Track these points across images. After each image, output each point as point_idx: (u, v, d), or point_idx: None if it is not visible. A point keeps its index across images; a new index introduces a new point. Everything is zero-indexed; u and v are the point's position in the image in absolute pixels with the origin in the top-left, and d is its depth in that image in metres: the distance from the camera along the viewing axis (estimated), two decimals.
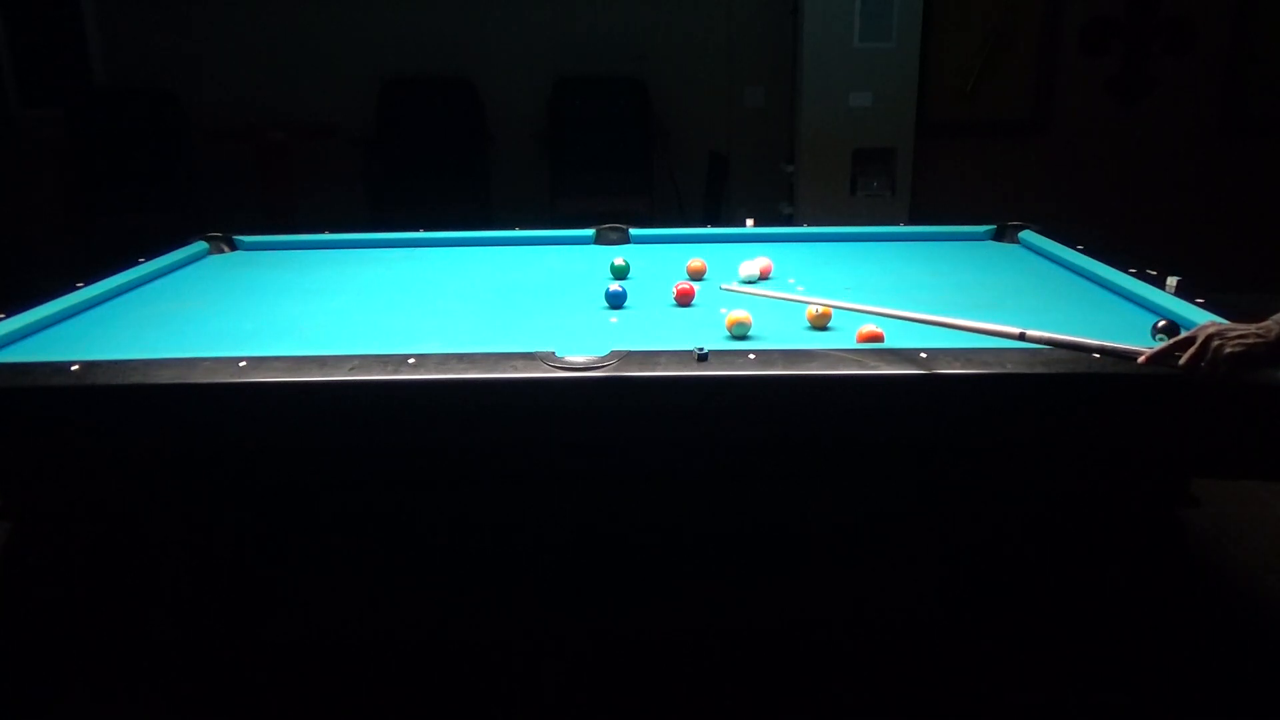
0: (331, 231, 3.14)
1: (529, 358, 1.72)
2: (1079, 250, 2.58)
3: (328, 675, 2.19)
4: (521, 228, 3.17)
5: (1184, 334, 1.71)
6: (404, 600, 2.48)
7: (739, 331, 1.98)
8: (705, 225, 3.35)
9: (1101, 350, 1.72)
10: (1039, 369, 1.69)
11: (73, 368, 1.70)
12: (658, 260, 2.71)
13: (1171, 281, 2.18)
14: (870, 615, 2.39)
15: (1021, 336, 1.76)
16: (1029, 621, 2.23)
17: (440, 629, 2.37)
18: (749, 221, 3.17)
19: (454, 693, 2.14)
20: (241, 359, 1.72)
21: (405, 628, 2.38)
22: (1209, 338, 1.65)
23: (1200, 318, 1.93)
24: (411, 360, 1.71)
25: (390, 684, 2.15)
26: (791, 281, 2.49)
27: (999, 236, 2.97)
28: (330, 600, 2.50)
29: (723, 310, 2.09)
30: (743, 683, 2.14)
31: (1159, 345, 1.70)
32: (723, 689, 2.13)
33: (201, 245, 2.91)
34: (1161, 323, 1.90)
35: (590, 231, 3.05)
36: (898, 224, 3.32)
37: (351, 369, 1.69)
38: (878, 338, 1.90)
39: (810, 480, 2.14)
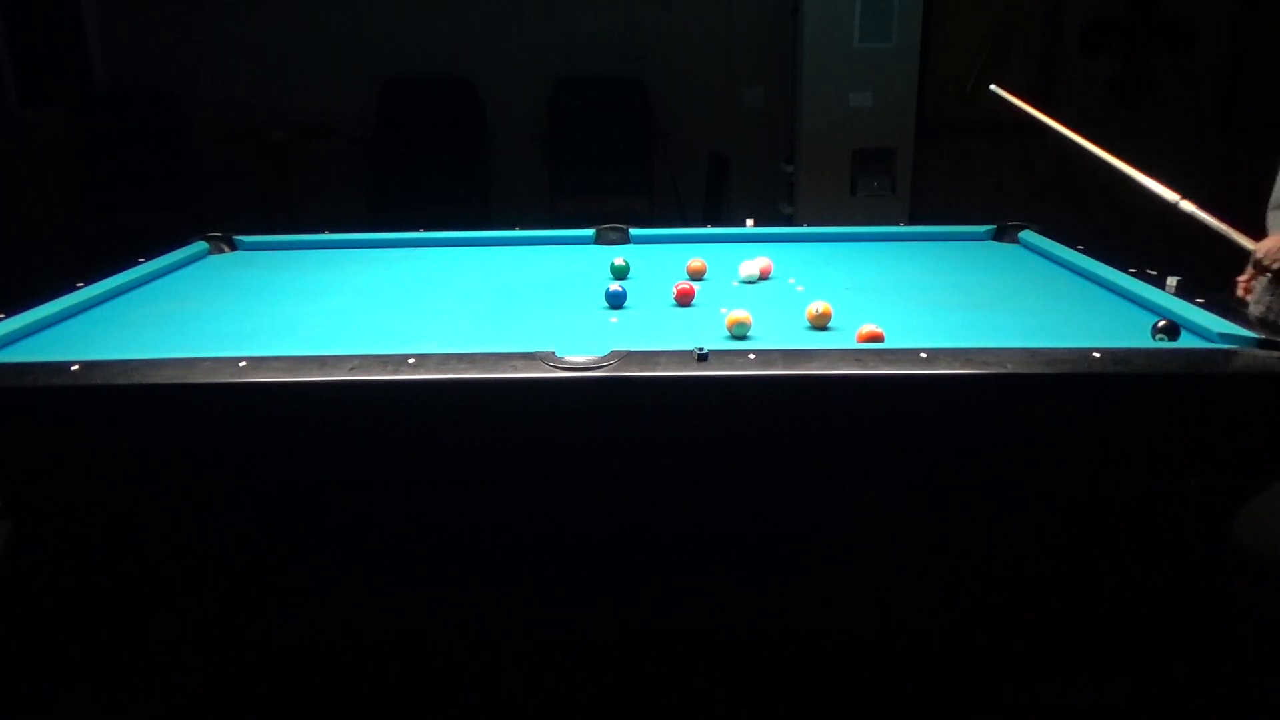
0: (331, 231, 3.14)
1: (529, 358, 1.72)
2: (1079, 250, 2.58)
3: (328, 675, 2.19)
4: (521, 228, 3.16)
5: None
6: (404, 600, 2.48)
7: (739, 331, 1.98)
8: (705, 225, 3.34)
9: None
10: (1039, 369, 1.69)
11: (73, 368, 1.70)
12: (658, 260, 2.70)
13: (1171, 281, 2.18)
14: (870, 614, 2.39)
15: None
16: (1029, 620, 2.23)
17: (440, 628, 2.37)
18: (749, 221, 3.16)
19: (454, 692, 2.14)
20: (241, 359, 1.72)
21: (405, 627, 2.37)
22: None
23: (1200, 318, 1.94)
24: (411, 360, 1.71)
25: (390, 684, 2.15)
26: (791, 281, 2.49)
27: (999, 236, 2.97)
28: (330, 600, 2.50)
29: (723, 310, 2.09)
30: (743, 683, 2.14)
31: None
32: (723, 689, 2.13)
33: (201, 245, 2.90)
34: (1161, 323, 1.90)
35: (590, 231, 3.05)
36: (898, 224, 3.32)
37: (351, 369, 1.69)
38: (878, 338, 1.90)
39: (810, 480, 2.14)
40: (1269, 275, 2.43)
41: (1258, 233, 2.56)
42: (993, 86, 3.11)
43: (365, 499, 2.71)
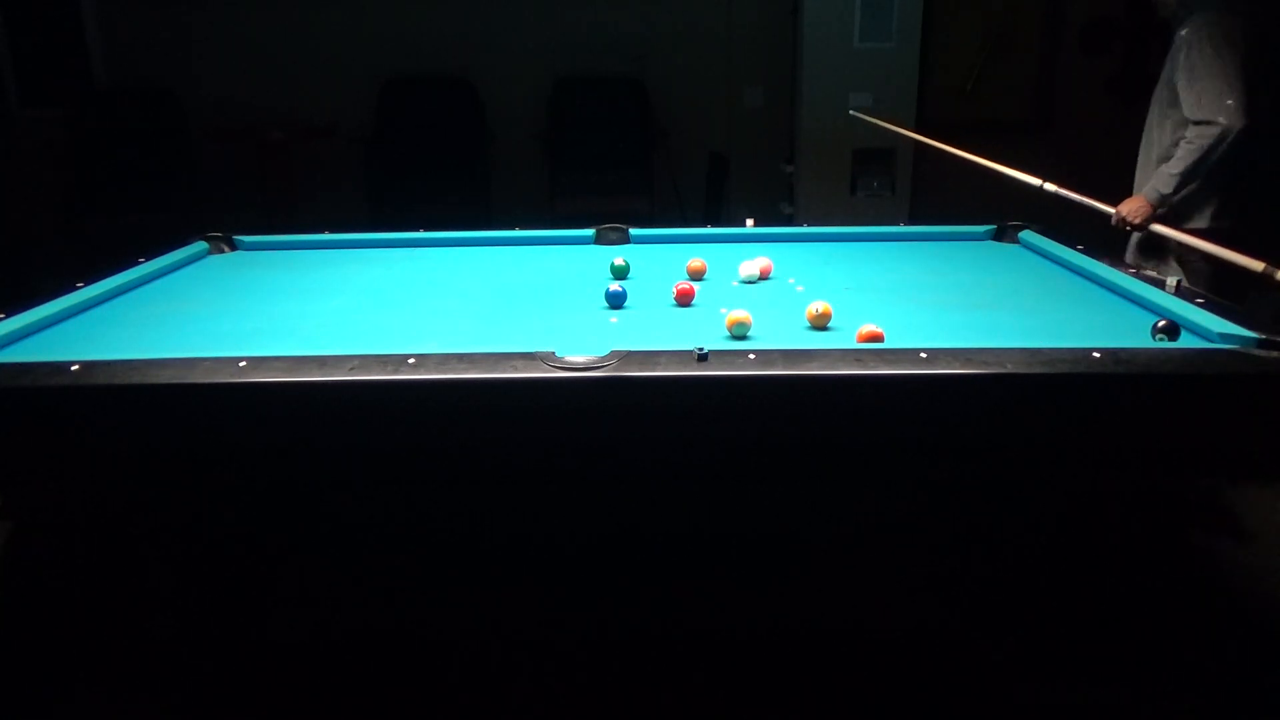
0: (331, 231, 3.14)
1: (529, 358, 1.72)
2: (1079, 250, 2.59)
3: (328, 675, 2.19)
4: (521, 228, 3.17)
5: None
6: (403, 600, 2.48)
7: (739, 331, 1.98)
8: (705, 225, 3.34)
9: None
10: (1039, 369, 1.69)
11: (73, 368, 1.70)
12: (658, 260, 2.71)
13: (1171, 281, 2.18)
14: (870, 614, 2.39)
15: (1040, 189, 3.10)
16: (1029, 620, 2.23)
17: (440, 628, 2.37)
18: (749, 221, 3.16)
19: (454, 692, 2.14)
20: (241, 359, 1.72)
21: (405, 627, 2.38)
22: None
23: (1200, 318, 1.94)
24: (411, 360, 1.71)
25: (390, 684, 2.15)
26: (791, 281, 2.49)
27: (999, 236, 2.97)
28: (330, 600, 2.50)
29: (723, 310, 2.09)
30: (743, 684, 2.14)
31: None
32: (723, 690, 2.13)
33: (201, 245, 2.91)
34: (1161, 323, 1.90)
35: (590, 231, 3.05)
36: (898, 224, 3.32)
37: (351, 369, 1.69)
38: (878, 338, 1.90)
39: (810, 480, 2.14)
40: (1135, 234, 3.01)
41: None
42: (852, 110, 3.31)
43: (365, 499, 2.71)
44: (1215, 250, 2.66)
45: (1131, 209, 2.95)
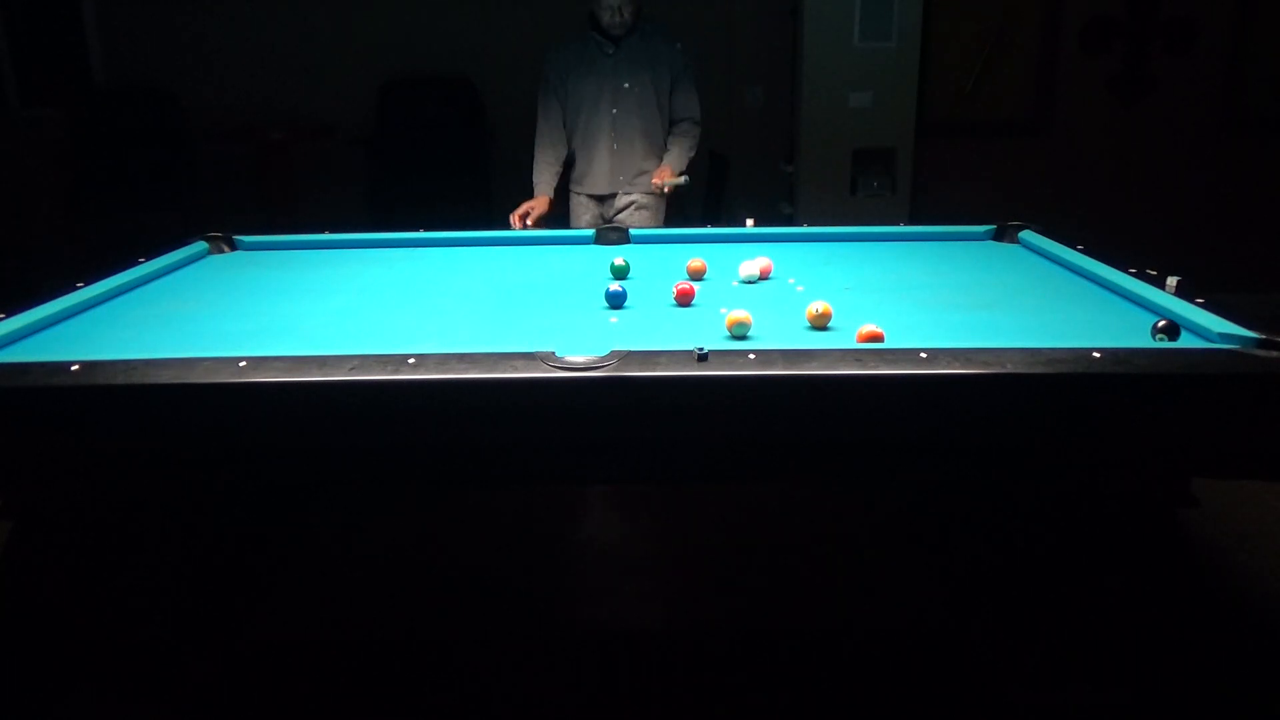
0: (331, 231, 3.14)
1: (529, 358, 1.72)
2: (1079, 250, 2.58)
3: (326, 675, 2.19)
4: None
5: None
6: (402, 599, 2.49)
7: (739, 331, 1.98)
8: (705, 225, 3.34)
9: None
10: (1039, 369, 1.69)
11: (73, 368, 1.70)
12: (658, 260, 2.71)
13: (1171, 281, 2.18)
14: (871, 614, 2.39)
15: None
16: (1029, 621, 2.23)
17: (439, 627, 2.37)
18: (749, 221, 3.16)
19: (451, 693, 2.14)
20: (241, 359, 1.72)
21: (404, 626, 2.38)
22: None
23: (1200, 317, 1.94)
24: (411, 360, 1.70)
25: (388, 684, 2.15)
26: (791, 281, 2.49)
27: (999, 236, 2.97)
28: (328, 600, 2.50)
29: (723, 310, 2.09)
30: (743, 684, 2.14)
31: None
32: (723, 690, 2.13)
33: (201, 245, 2.91)
34: (1161, 323, 1.90)
35: (590, 231, 3.05)
36: (898, 224, 3.32)
37: (351, 369, 1.69)
38: (878, 338, 1.90)
39: (810, 480, 2.14)
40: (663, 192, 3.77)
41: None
42: (666, 183, 3.80)
43: (365, 499, 2.71)
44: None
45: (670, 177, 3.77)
